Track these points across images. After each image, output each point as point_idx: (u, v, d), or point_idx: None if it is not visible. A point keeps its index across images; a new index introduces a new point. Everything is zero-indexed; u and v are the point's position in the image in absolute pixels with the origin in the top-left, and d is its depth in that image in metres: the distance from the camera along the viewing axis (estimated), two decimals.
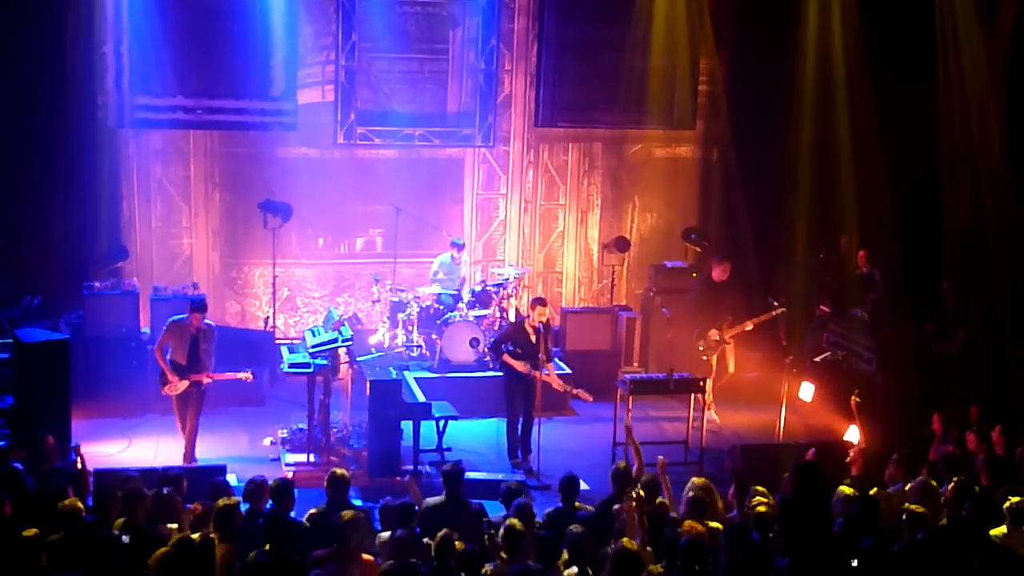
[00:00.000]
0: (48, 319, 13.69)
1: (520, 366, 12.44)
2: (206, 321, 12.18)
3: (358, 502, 10.90)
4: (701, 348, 14.17)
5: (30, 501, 8.83)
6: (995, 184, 14.31)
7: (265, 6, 14.79)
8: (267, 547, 7.96)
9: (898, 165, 15.07)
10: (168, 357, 11.95)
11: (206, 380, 12.09)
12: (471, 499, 9.42)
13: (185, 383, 11.97)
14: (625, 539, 8.01)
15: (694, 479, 9.57)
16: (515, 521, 8.24)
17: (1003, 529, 8.85)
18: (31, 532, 7.75)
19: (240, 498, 8.82)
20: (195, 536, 8.24)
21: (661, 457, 10.13)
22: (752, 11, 16.03)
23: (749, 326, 14.12)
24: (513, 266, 16.18)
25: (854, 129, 15.64)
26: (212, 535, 8.19)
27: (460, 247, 15.26)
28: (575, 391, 12.94)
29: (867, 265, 15.15)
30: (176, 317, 12.16)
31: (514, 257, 16.71)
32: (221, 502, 8.38)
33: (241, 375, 12.39)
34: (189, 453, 12.14)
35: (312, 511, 9.01)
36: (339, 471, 9.36)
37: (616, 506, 8.81)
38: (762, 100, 15.97)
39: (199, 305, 12.11)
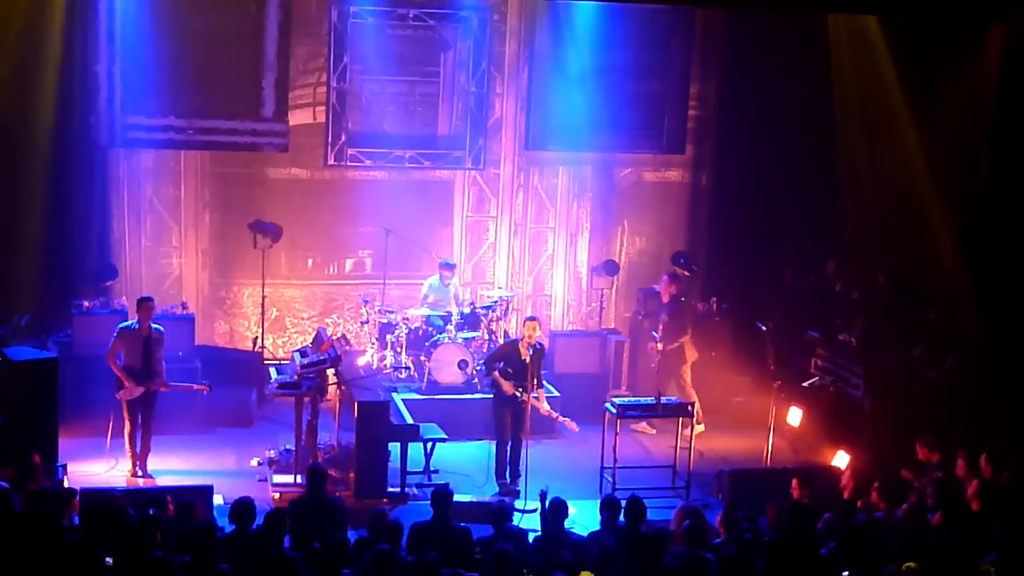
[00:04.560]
0: (37, 337, 13.63)
1: (508, 387, 12.43)
2: (156, 326, 12.32)
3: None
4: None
5: (16, 521, 8.78)
6: (981, 213, 14.36)
7: (257, 27, 14.82)
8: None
9: (887, 190, 15.14)
10: (121, 363, 12.10)
11: (163, 389, 12.28)
12: (458, 522, 9.41)
13: (141, 389, 12.10)
14: None
15: (684, 506, 9.61)
16: (506, 546, 8.25)
17: None
18: None
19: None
20: None
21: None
22: (743, 37, 16.10)
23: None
24: (502, 288, 16.20)
25: (843, 154, 15.73)
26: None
27: (450, 267, 15.27)
28: (562, 419, 12.93)
29: (836, 275, 15.32)
30: (124, 323, 12.38)
31: (503, 280, 16.72)
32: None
33: (198, 387, 12.64)
34: (144, 463, 12.24)
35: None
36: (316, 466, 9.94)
37: None
38: (752, 125, 16.02)
39: (146, 297, 12.42)
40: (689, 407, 12.94)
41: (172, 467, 12.57)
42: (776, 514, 9.82)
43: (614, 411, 12.63)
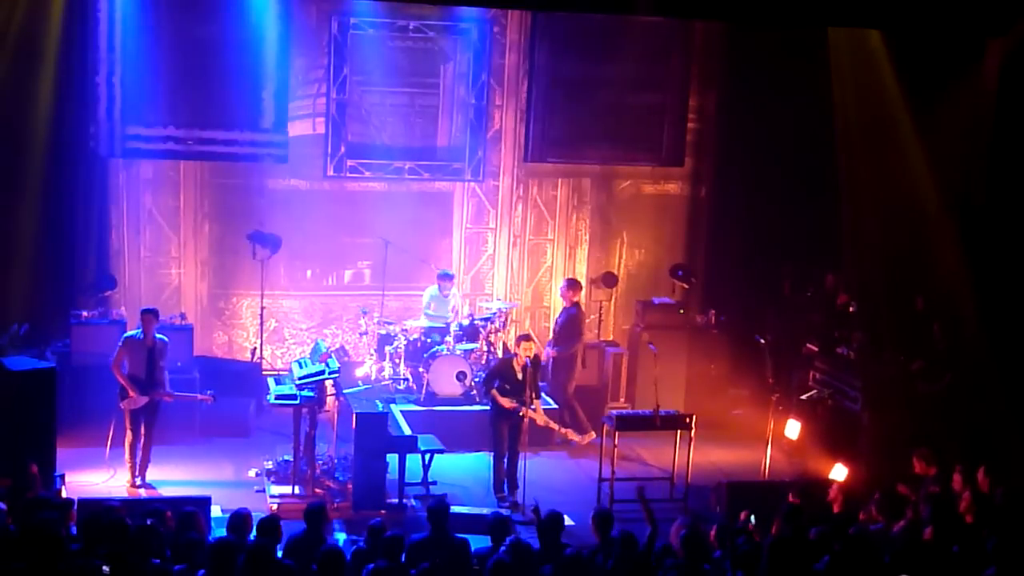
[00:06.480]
0: (35, 347, 13.63)
1: (507, 403, 12.44)
2: (160, 336, 12.35)
3: (342, 535, 10.91)
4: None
5: (14, 533, 8.77)
6: (982, 226, 14.38)
7: (257, 38, 14.84)
8: None
9: (887, 203, 15.14)
10: (126, 372, 12.14)
11: (167, 399, 12.39)
12: (456, 533, 9.39)
13: (145, 399, 12.17)
14: None
15: (682, 518, 9.59)
16: (503, 559, 8.23)
17: None
18: None
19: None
20: None
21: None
22: (743, 50, 16.12)
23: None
24: (501, 300, 16.21)
25: (843, 167, 15.74)
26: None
27: (449, 277, 15.27)
28: (563, 430, 12.93)
29: (837, 289, 15.45)
30: (129, 333, 12.45)
31: (502, 291, 16.72)
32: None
33: (202, 397, 12.80)
34: (143, 472, 12.28)
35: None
36: (316, 505, 9.41)
37: None
38: (751, 138, 16.04)
39: (151, 309, 12.44)
40: (688, 419, 12.91)
41: (170, 477, 12.56)
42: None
43: (612, 423, 12.63)
